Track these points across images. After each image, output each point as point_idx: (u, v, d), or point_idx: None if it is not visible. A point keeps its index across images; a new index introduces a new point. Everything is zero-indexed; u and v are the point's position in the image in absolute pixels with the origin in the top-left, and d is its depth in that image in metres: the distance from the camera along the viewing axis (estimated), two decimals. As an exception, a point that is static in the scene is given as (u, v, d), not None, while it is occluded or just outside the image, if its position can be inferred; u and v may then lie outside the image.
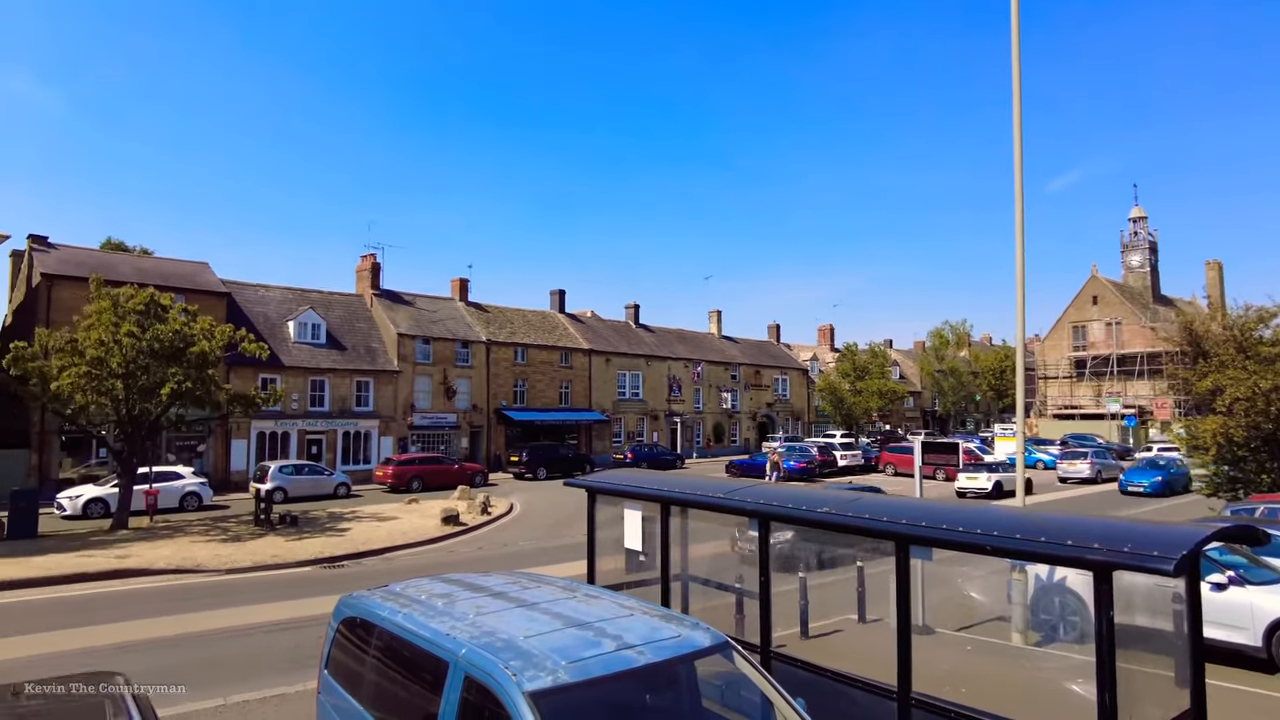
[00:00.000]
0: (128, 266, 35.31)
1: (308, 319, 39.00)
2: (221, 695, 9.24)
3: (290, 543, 20.02)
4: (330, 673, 6.09)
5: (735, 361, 62.25)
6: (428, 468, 35.46)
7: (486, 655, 4.33)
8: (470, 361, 44.54)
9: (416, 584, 6.24)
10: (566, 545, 19.92)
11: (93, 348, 21.27)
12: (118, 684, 4.79)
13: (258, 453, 35.53)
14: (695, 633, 4.87)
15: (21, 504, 20.82)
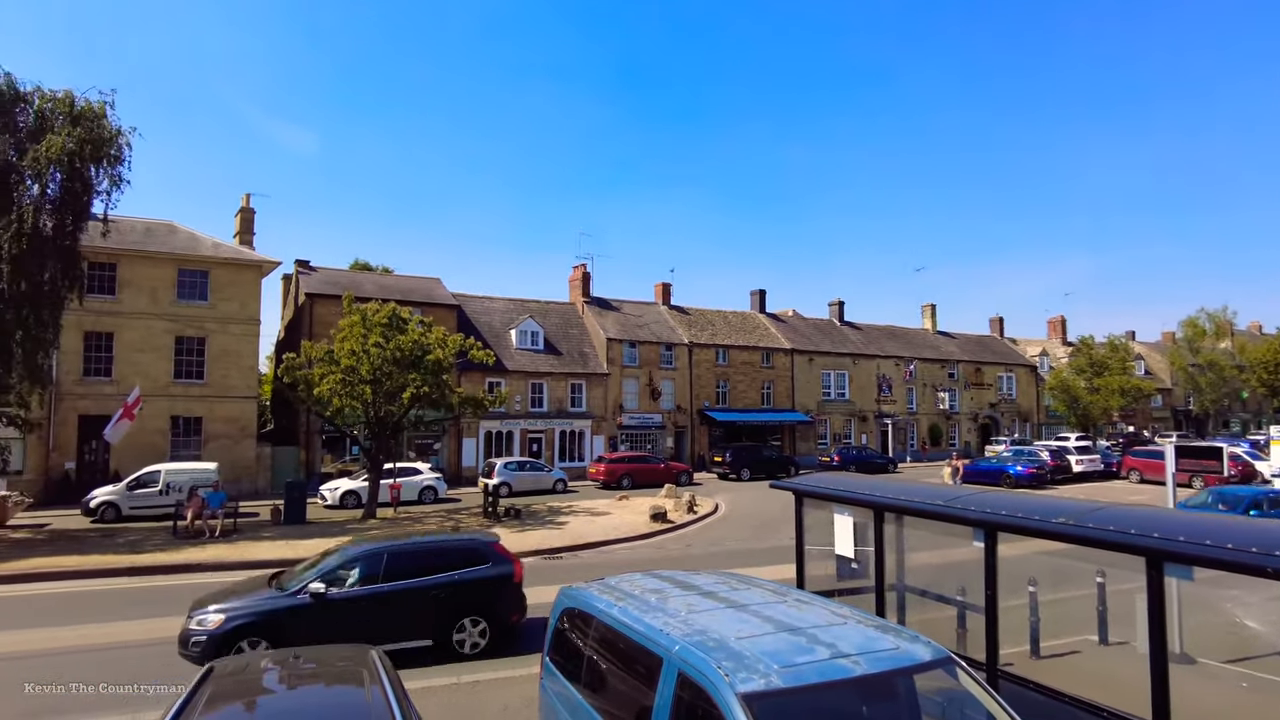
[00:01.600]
0: (372, 284, 39.57)
1: (527, 327, 41.75)
2: (455, 674, 10.02)
3: (515, 534, 21.44)
4: (552, 660, 6.46)
5: (953, 358, 58.66)
6: (636, 466, 36.61)
7: (699, 654, 4.40)
8: (673, 363, 45.45)
9: (630, 579, 6.46)
10: (771, 548, 19.74)
11: (346, 357, 24.06)
12: (371, 656, 5.38)
13: (485, 450, 38.48)
14: (915, 646, 4.66)
15: (294, 494, 24.02)
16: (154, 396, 29.92)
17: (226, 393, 32.32)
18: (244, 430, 32.81)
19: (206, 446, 31.51)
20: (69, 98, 20.22)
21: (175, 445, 31.21)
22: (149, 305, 31.10)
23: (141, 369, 30.26)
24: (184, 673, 7.90)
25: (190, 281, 32.14)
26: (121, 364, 30.40)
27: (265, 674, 5.42)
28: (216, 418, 32.08)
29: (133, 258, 30.84)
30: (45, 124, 19.91)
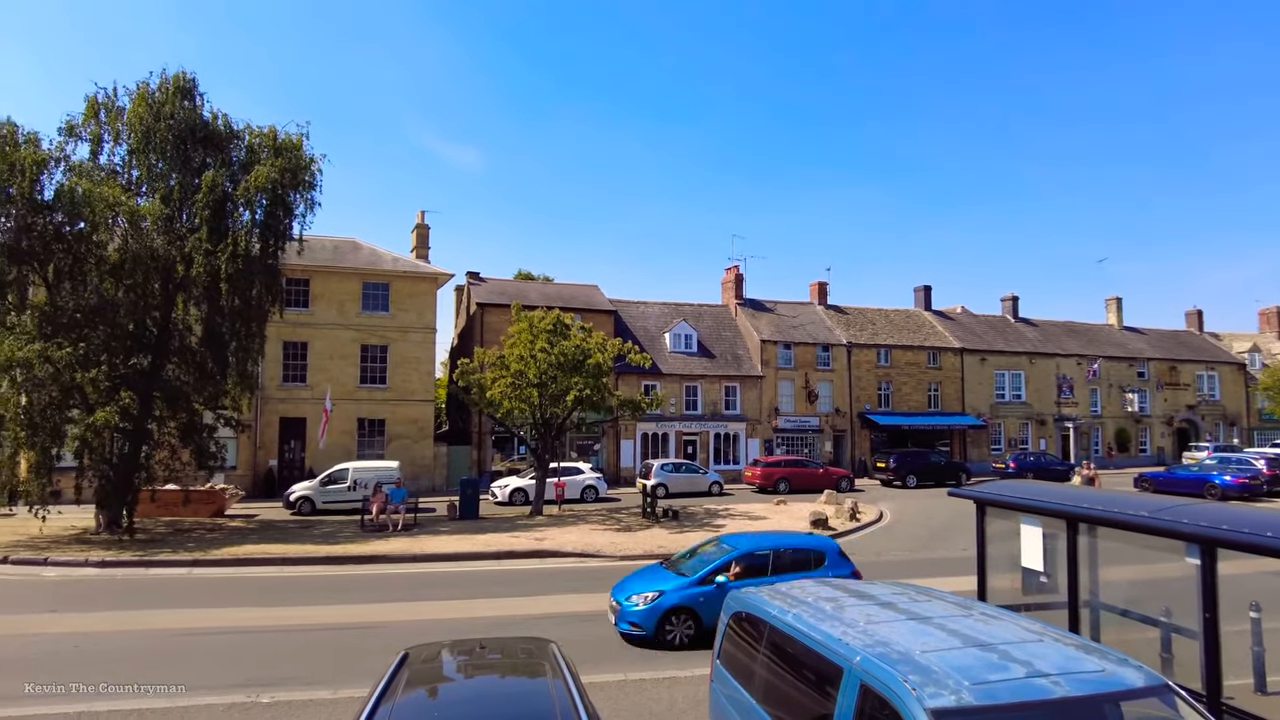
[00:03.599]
0: (536, 292, 41.25)
1: (681, 330, 42.12)
2: (623, 671, 10.22)
3: (673, 535, 21.64)
4: (722, 663, 6.45)
5: (1142, 356, 53.57)
6: (794, 470, 35.98)
7: (883, 666, 4.24)
8: (831, 365, 44.31)
9: (801, 585, 6.35)
10: (943, 559, 18.79)
11: (515, 362, 25.25)
12: (552, 649, 5.59)
13: (642, 452, 39.15)
14: (1124, 669, 4.28)
15: (468, 491, 25.44)
16: (342, 400, 32.64)
17: (407, 396, 34.75)
18: (422, 431, 35.14)
19: (389, 446, 34.00)
20: (273, 132, 22.49)
21: (361, 445, 33.89)
22: (338, 316, 33.98)
23: (332, 375, 33.11)
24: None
25: (373, 294, 34.83)
26: (314, 371, 33.41)
27: (455, 662, 5.76)
28: (398, 419, 34.54)
29: (323, 273, 33.81)
30: (253, 156, 22.24)
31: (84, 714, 8.54)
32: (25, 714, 8.55)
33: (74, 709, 8.69)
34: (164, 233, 21.07)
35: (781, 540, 12.78)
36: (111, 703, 8.91)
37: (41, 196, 19.85)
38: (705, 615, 11.29)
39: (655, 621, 11.32)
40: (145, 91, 21.26)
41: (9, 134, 19.67)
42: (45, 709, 8.68)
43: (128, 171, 21.95)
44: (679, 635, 11.38)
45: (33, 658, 10.71)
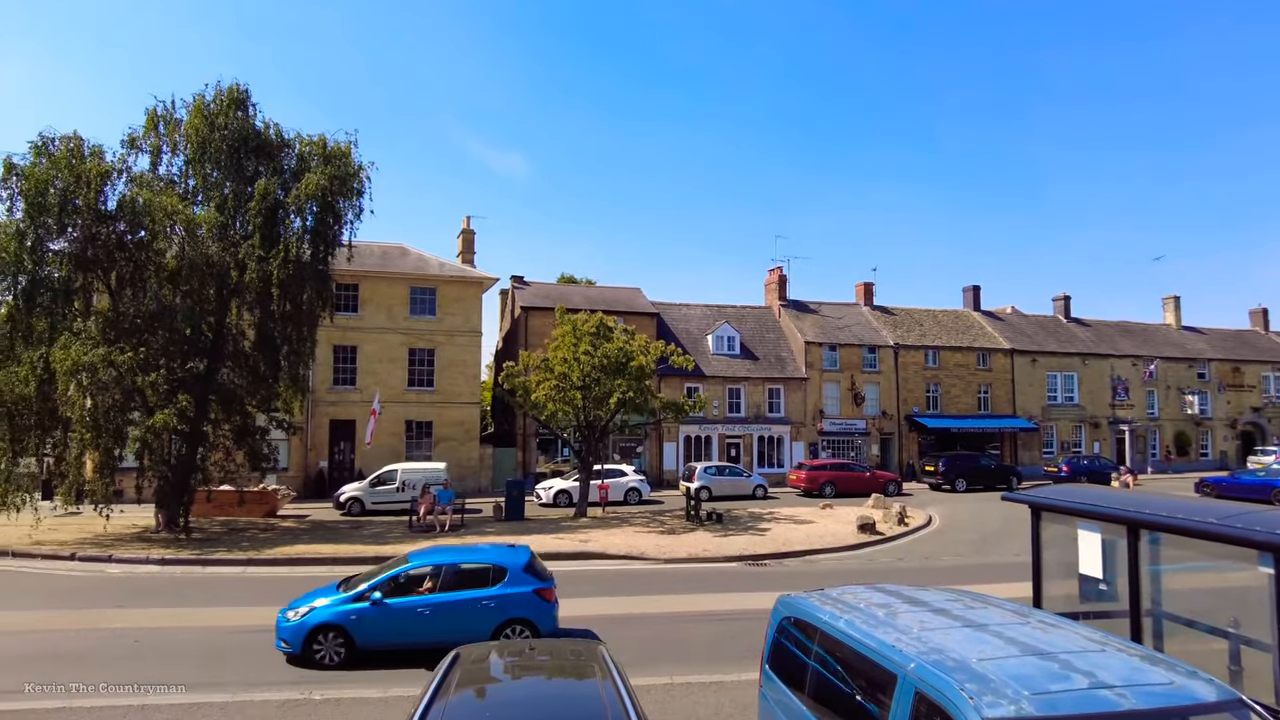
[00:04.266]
0: (579, 296, 41.47)
1: (723, 332, 41.96)
2: (669, 674, 10.19)
3: (717, 538, 21.55)
4: (771, 668, 6.39)
5: (1202, 357, 51.81)
6: (840, 474, 35.58)
7: (938, 674, 4.15)
8: (878, 366, 43.72)
9: (852, 591, 6.26)
10: (995, 564, 18.39)
11: (559, 365, 25.41)
12: (601, 651, 5.59)
13: (685, 454, 39.08)
14: (1194, 682, 4.12)
15: (514, 492, 25.67)
16: (391, 403, 33.18)
17: (453, 399, 35.21)
18: (468, 433, 35.57)
19: (436, 448, 34.48)
20: (322, 140, 23.00)
21: (409, 447, 34.42)
22: (386, 321, 34.57)
23: (380, 378, 33.69)
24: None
25: (420, 299, 35.37)
26: (364, 374, 34.03)
27: (505, 662, 5.81)
28: (445, 422, 35.01)
29: (372, 279, 34.43)
30: (304, 165, 22.78)
31: (147, 707, 8.81)
32: (90, 705, 8.82)
33: (137, 702, 8.97)
34: (219, 240, 21.68)
35: (459, 555, 11.83)
36: (171, 697, 9.17)
37: (105, 207, 20.59)
38: (358, 634, 10.53)
39: (302, 639, 10.47)
40: (201, 103, 21.90)
41: (75, 147, 20.44)
42: (107, 701, 8.96)
43: (185, 181, 22.65)
44: (329, 654, 10.50)
45: (97, 651, 11.09)
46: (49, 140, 20.38)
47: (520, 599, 10.91)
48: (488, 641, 6.36)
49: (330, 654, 10.53)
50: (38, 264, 19.94)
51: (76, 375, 18.95)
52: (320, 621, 10.56)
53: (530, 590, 11.03)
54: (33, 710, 8.68)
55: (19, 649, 11.27)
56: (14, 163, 19.88)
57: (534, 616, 10.90)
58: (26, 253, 19.59)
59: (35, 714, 8.57)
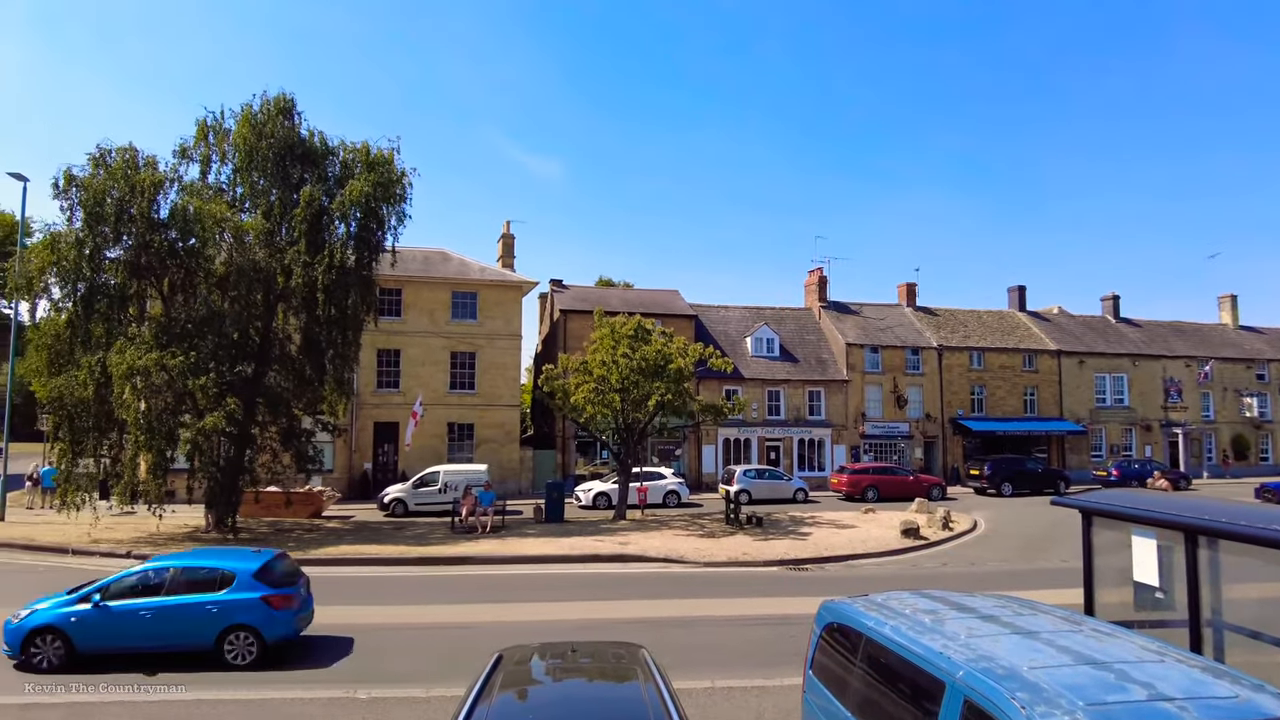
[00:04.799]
0: (617, 299, 41.55)
1: (762, 334, 41.70)
2: (710, 678, 10.13)
3: (758, 542, 21.40)
4: (815, 674, 6.31)
5: (1261, 357, 50.06)
6: (882, 478, 35.11)
7: (989, 681, 4.06)
8: (921, 369, 43.07)
9: (898, 597, 6.16)
10: (1043, 570, 18.02)
11: (598, 367, 25.47)
12: (644, 654, 5.57)
13: (724, 457, 38.88)
14: (1261, 696, 3.96)
15: (554, 494, 25.80)
16: (433, 405, 33.57)
17: (494, 401, 35.51)
18: (509, 435, 35.86)
19: (477, 450, 34.80)
20: (365, 148, 23.37)
21: (451, 449, 34.79)
22: (428, 325, 35.01)
23: (423, 381, 34.12)
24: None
25: (462, 302, 35.76)
26: (407, 377, 34.49)
27: (548, 665, 5.82)
28: (486, 424, 35.33)
29: (415, 283, 34.88)
30: (347, 172, 23.18)
31: (202, 701, 9.01)
32: (162, 700, 9.05)
33: (191, 696, 9.18)
34: (265, 246, 22.15)
35: (191, 560, 11.64)
36: (220, 691, 9.38)
37: (158, 215, 21.17)
38: (77, 637, 10.28)
39: (20, 641, 10.22)
40: (249, 113, 22.40)
41: (130, 158, 21.07)
42: (169, 696, 9.17)
43: (233, 189, 23.18)
44: (46, 658, 10.21)
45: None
46: (106, 152, 21.03)
47: (245, 605, 10.62)
48: (529, 643, 6.36)
49: (48, 658, 10.25)
50: (95, 271, 20.60)
51: (131, 379, 19.50)
52: (38, 624, 10.28)
53: (257, 597, 10.72)
54: (81, 705, 8.91)
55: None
56: (74, 174, 20.58)
57: (258, 623, 10.62)
58: (85, 261, 20.25)
59: (84, 710, 8.80)
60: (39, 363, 21.51)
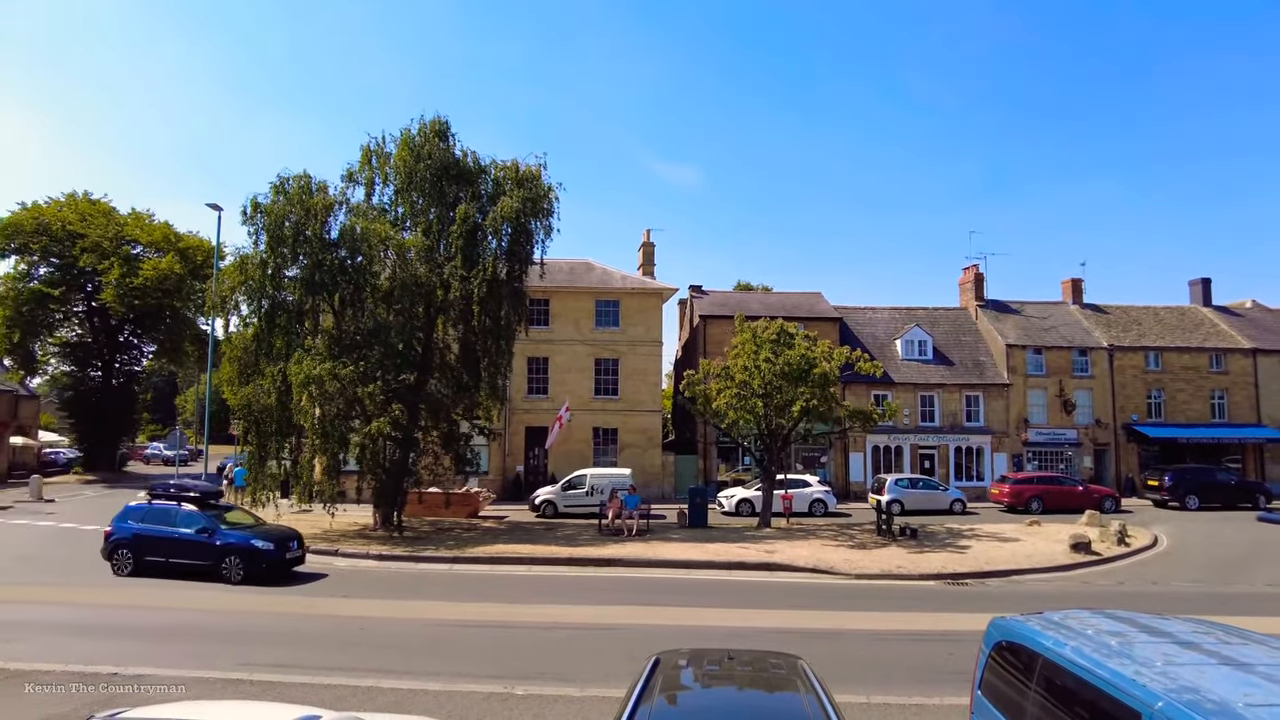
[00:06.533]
0: (757, 303, 41.13)
1: (914, 336, 40.01)
2: (864, 694, 9.76)
3: (912, 555, 20.49)
4: (984, 695, 5.94)
5: None
6: (1048, 488, 32.79)
7: (1196, 717, 3.65)
8: (1089, 370, 39.91)
9: (1077, 615, 5.70)
10: (1244, 594, 16.24)
11: (739, 372, 25.25)
12: (803, 666, 5.43)
13: (873, 465, 37.55)
14: None
15: (697, 500, 25.79)
16: (579, 411, 34.49)
17: (636, 407, 36.05)
18: (651, 440, 36.26)
19: (621, 454, 35.41)
20: (515, 165, 24.38)
21: (596, 453, 35.59)
22: (574, 333, 36.02)
23: (569, 387, 35.13)
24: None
25: (605, 310, 36.56)
26: (554, 383, 35.63)
27: (706, 671, 5.79)
28: (629, 429, 35.90)
29: (561, 293, 35.98)
30: (498, 188, 24.24)
31: (372, 689, 9.62)
32: (326, 683, 9.74)
33: (364, 684, 9.81)
34: (425, 262, 23.50)
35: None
36: (395, 680, 9.96)
37: (329, 235, 22.94)
38: None
39: None
40: (407, 136, 23.88)
41: (305, 184, 22.94)
42: (343, 680, 9.85)
43: (395, 209, 24.77)
44: None
45: (331, 636, 12.33)
46: (285, 180, 23.02)
47: None
48: (685, 648, 6.35)
49: None
50: (277, 289, 22.61)
51: (308, 387, 21.19)
52: None
53: None
54: (276, 683, 9.70)
55: (270, 629, 12.74)
56: (259, 202, 22.65)
57: None
58: (268, 279, 22.27)
59: (275, 687, 9.58)
60: (230, 373, 23.84)
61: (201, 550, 16.93)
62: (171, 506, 17.63)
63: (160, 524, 17.34)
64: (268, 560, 16.77)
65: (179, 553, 17.03)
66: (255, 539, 16.98)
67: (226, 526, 17.23)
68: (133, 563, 17.08)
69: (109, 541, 17.36)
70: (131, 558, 17.10)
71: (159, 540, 17.17)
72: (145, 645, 11.60)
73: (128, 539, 17.23)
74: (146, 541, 17.18)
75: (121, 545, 17.23)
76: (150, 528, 17.31)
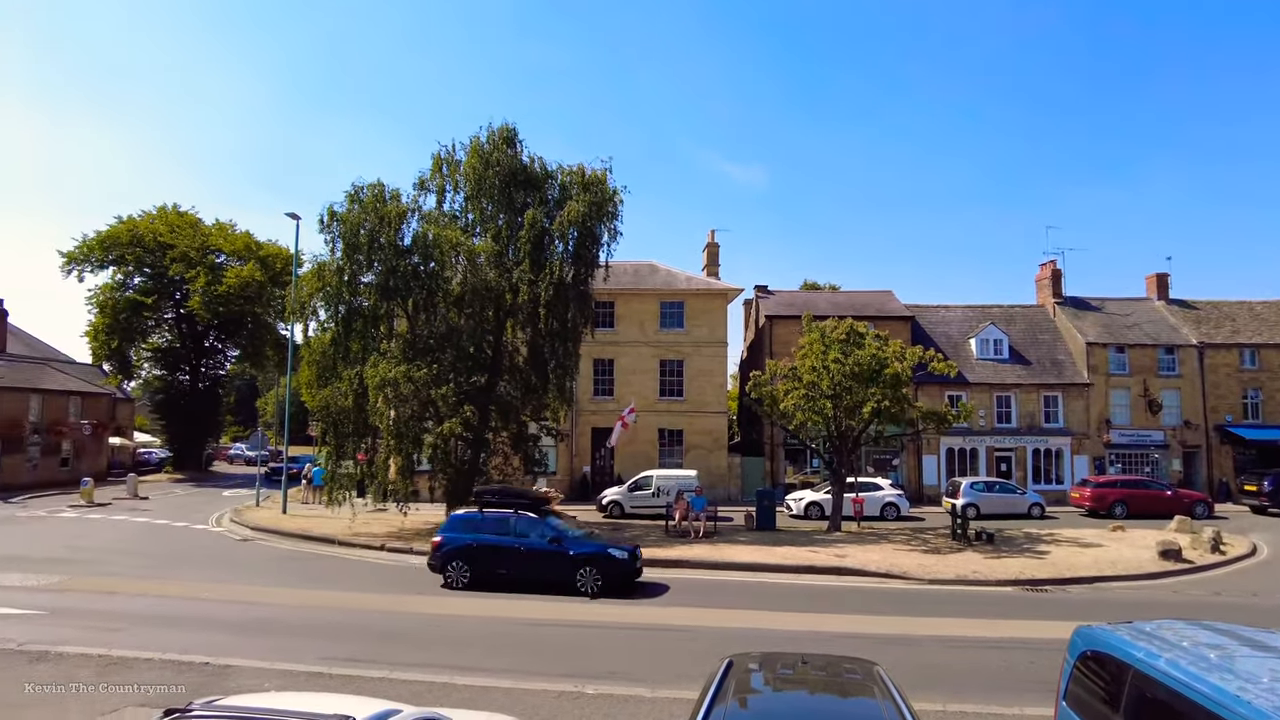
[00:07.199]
0: (825, 302, 40.53)
1: (989, 335, 38.88)
2: (939, 701, 9.52)
3: (989, 560, 19.90)
4: (1070, 706, 5.75)
5: None
6: (1133, 491, 31.47)
7: (1307, 738, 3.46)
8: (1177, 369, 38.12)
9: (1170, 626, 5.46)
10: (1353, 608, 15.24)
11: (807, 373, 24.90)
12: (878, 671, 5.33)
13: (947, 468, 36.62)
14: None
15: (765, 502, 25.58)
16: (644, 412, 34.55)
17: (701, 408, 35.95)
18: (716, 442, 36.10)
19: (686, 456, 35.36)
20: (581, 170, 24.64)
21: (662, 454, 35.62)
22: (639, 335, 36.14)
23: (634, 389, 35.25)
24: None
25: (669, 312, 36.57)
26: (620, 385, 35.81)
27: (779, 674, 5.76)
28: (694, 430, 35.83)
29: (626, 295, 36.14)
30: (565, 193, 24.55)
31: (447, 685, 9.82)
32: (405, 679, 10.00)
33: (440, 680, 10.03)
34: (495, 267, 23.95)
35: None
36: (470, 678, 10.17)
37: (402, 242, 23.61)
38: None
39: None
40: (477, 144, 24.38)
41: (378, 193, 23.64)
42: (425, 677, 10.08)
43: (464, 215, 25.33)
44: None
45: (410, 633, 12.66)
46: (359, 189, 23.75)
47: None
48: (757, 651, 6.32)
49: None
50: (353, 295, 23.39)
51: (384, 389, 21.81)
52: None
53: None
54: (355, 678, 10.00)
55: (353, 624, 13.14)
56: (335, 211, 23.44)
57: None
58: (344, 286, 23.05)
59: (354, 681, 9.87)
60: (309, 376, 24.73)
61: (554, 562, 16.04)
62: (508, 515, 16.82)
63: (499, 534, 16.50)
64: (622, 570, 16.00)
65: (526, 565, 16.19)
66: (611, 548, 16.34)
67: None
68: (469, 575, 16.15)
69: (440, 553, 16.46)
70: (468, 570, 16.17)
71: (501, 551, 16.30)
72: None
73: (460, 549, 16.34)
74: (485, 552, 16.30)
75: (455, 557, 16.29)
76: (488, 538, 16.42)
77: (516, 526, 16.58)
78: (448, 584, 16.21)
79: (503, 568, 16.23)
